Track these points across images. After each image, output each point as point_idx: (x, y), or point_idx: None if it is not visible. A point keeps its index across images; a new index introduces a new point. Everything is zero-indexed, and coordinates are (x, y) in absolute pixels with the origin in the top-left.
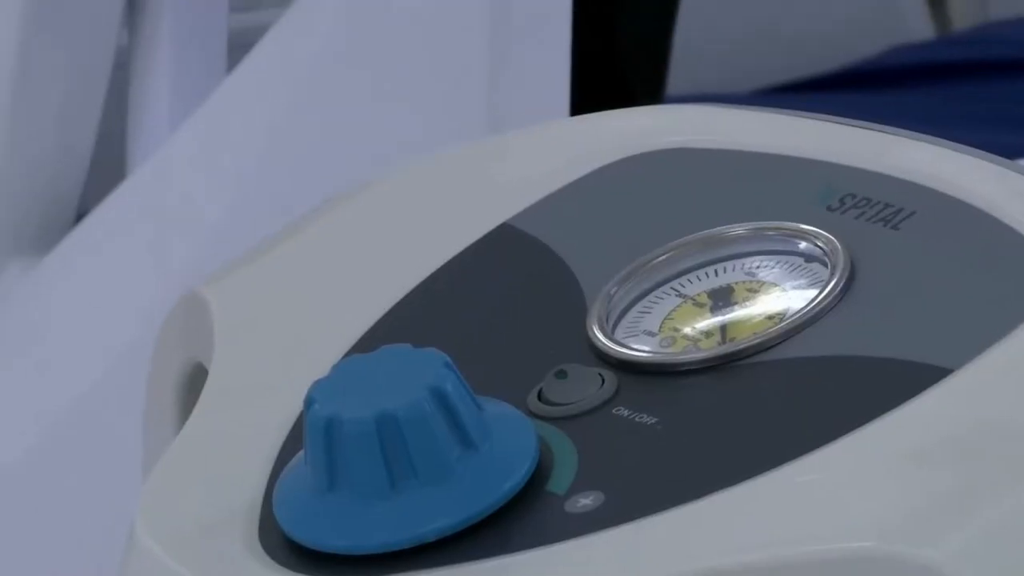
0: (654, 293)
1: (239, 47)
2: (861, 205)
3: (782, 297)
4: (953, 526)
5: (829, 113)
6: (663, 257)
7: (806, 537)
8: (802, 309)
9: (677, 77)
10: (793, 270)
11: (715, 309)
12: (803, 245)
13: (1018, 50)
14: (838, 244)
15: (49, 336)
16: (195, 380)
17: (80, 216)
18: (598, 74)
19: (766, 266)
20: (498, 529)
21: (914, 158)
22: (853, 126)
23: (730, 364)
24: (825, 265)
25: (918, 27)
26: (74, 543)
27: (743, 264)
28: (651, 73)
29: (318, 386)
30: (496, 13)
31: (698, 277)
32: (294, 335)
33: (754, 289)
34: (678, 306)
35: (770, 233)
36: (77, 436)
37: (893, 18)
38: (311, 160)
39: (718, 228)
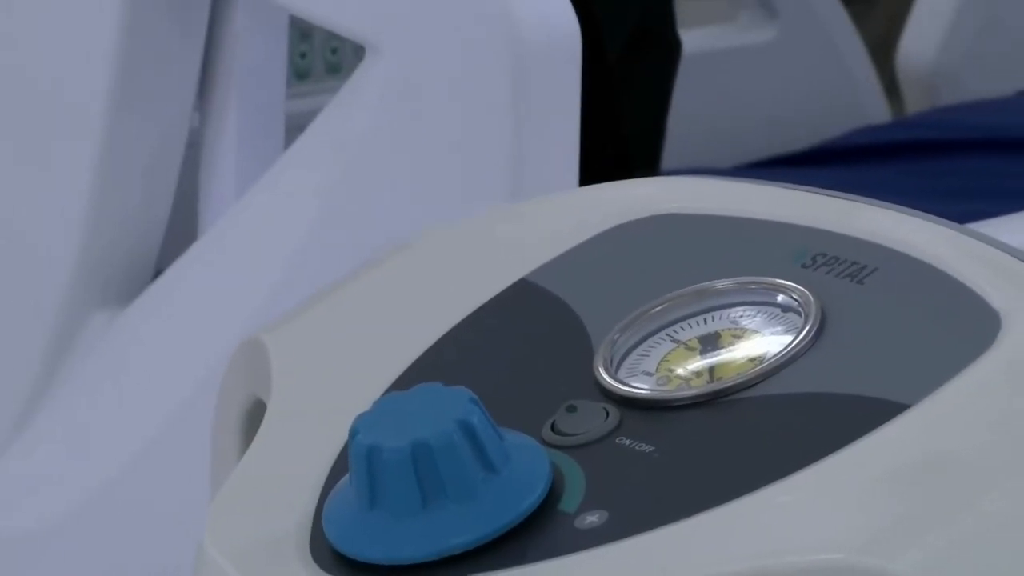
0: (652, 339)
1: (294, 128)
2: (830, 263)
3: (762, 342)
4: (911, 542)
5: (802, 184)
6: (659, 307)
7: (784, 550)
8: (779, 352)
9: (670, 154)
10: (772, 319)
11: (704, 352)
12: (780, 297)
13: (962, 132)
14: (810, 297)
15: (130, 377)
16: (255, 414)
17: (158, 272)
18: (603, 151)
19: (748, 315)
20: (516, 543)
21: (876, 222)
22: (823, 195)
23: (717, 400)
24: (799, 315)
25: (877, 112)
26: (152, 556)
27: (728, 314)
28: (648, 150)
29: (361, 419)
30: (517, 102)
31: (690, 325)
32: (341, 375)
33: (738, 335)
34: (672, 350)
35: (752, 287)
36: (154, 463)
37: (855, 104)
38: (356, 225)
39: (707, 283)
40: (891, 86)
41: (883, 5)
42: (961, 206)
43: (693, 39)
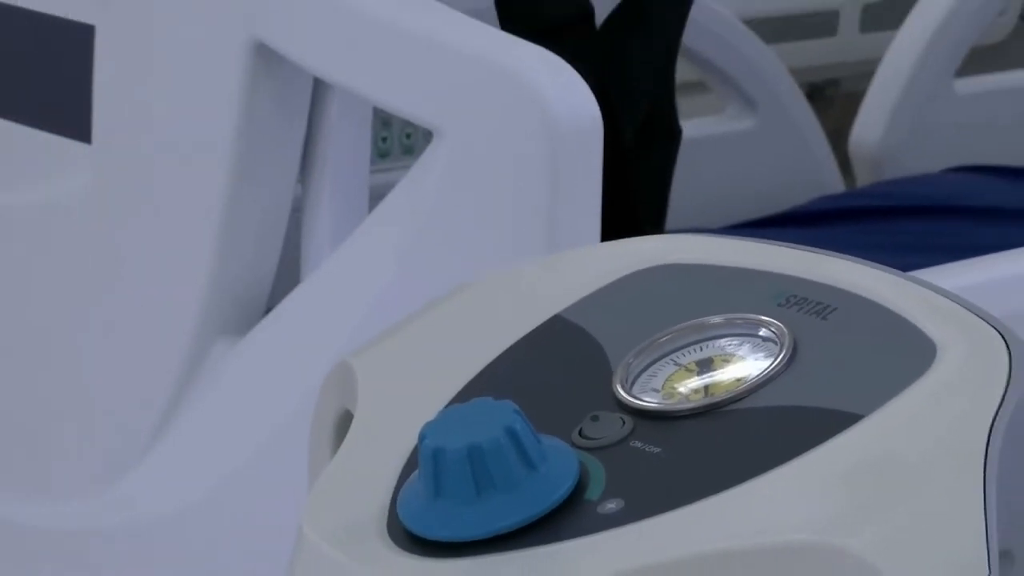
0: (659, 362)
1: (376, 197)
2: (800, 303)
3: (746, 365)
4: (864, 524)
5: (776, 240)
6: (665, 338)
7: (763, 531)
8: (760, 374)
9: (672, 217)
10: (754, 347)
11: (700, 374)
12: (762, 331)
13: (901, 200)
14: (785, 330)
15: (246, 393)
16: (343, 422)
17: (268, 309)
18: (619, 215)
19: (735, 344)
20: (551, 525)
21: (836, 271)
22: (793, 248)
23: (711, 412)
24: (776, 344)
25: (834, 184)
26: (259, 537)
27: (720, 343)
28: (655, 214)
29: (428, 426)
30: (552, 176)
31: (689, 351)
32: (412, 391)
33: (727, 360)
34: (675, 371)
35: (738, 322)
36: (265, 462)
37: (817, 178)
38: (424, 273)
39: (702, 318)
40: (845, 164)
41: (838, 102)
42: (902, 258)
43: (690, 127)
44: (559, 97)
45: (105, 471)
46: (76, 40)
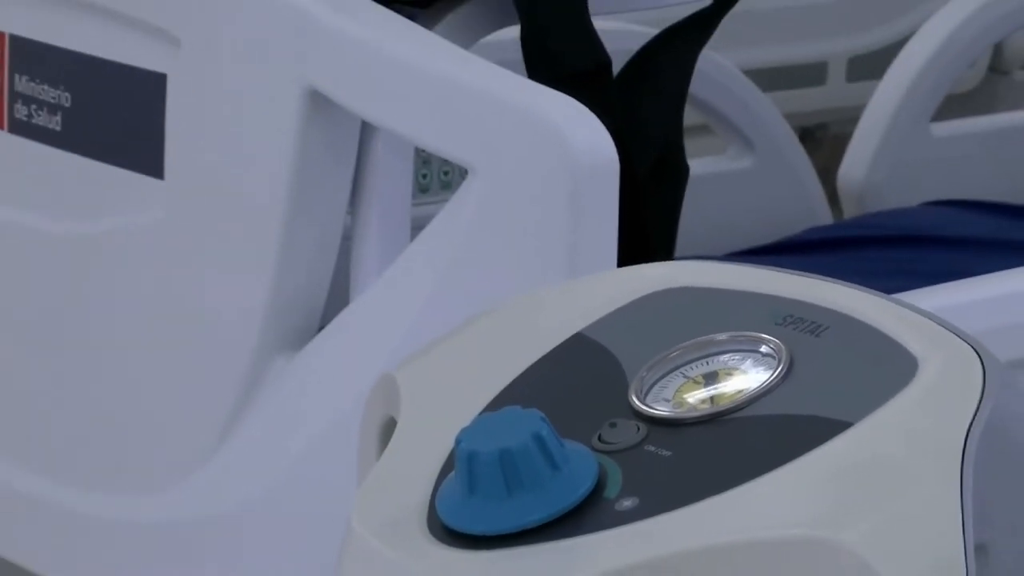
0: (669, 375)
1: (416, 227)
2: (796, 322)
3: (748, 378)
4: (852, 520)
5: (773, 267)
6: (675, 353)
7: (764, 527)
8: (760, 386)
9: (679, 246)
10: (755, 362)
11: (707, 385)
12: (761, 347)
13: (884, 231)
14: (782, 346)
15: (302, 401)
16: (388, 428)
17: (321, 326)
18: (633, 244)
19: (738, 359)
20: (573, 520)
21: (827, 293)
22: (789, 274)
23: (716, 419)
24: (774, 359)
25: (823, 216)
26: (310, 530)
27: (724, 358)
28: (665, 243)
29: (464, 432)
30: (573, 209)
31: (696, 365)
32: (449, 400)
33: (730, 373)
34: (684, 383)
35: (740, 339)
36: (318, 463)
37: (809, 210)
38: (459, 296)
39: (709, 336)
40: (833, 198)
41: (827, 143)
42: (885, 283)
43: (696, 166)
44: (580, 139)
45: (177, 470)
46: (151, 87)
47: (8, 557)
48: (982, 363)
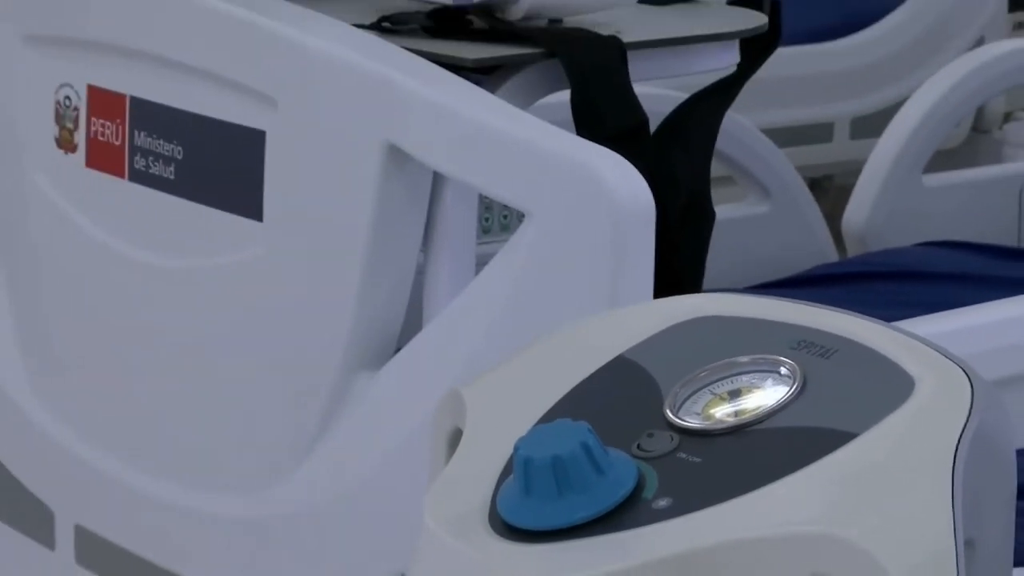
0: (699, 392)
1: (480, 264)
2: (809, 346)
3: (767, 395)
4: (857, 518)
5: (787, 298)
6: (704, 372)
7: (781, 523)
8: (777, 402)
9: (707, 280)
10: (773, 381)
11: (731, 401)
12: (779, 368)
13: (883, 268)
14: (797, 367)
15: (381, 413)
16: (455, 437)
17: (397, 349)
18: (666, 278)
19: (758, 378)
20: (615, 517)
21: (835, 321)
22: (801, 304)
23: (740, 431)
24: (790, 378)
25: (830, 255)
26: (388, 526)
27: (746, 377)
28: (694, 278)
29: (521, 441)
30: (615, 248)
31: (722, 383)
32: (508, 412)
33: (752, 390)
34: (712, 399)
35: (761, 361)
36: (395, 468)
37: (817, 250)
38: (517, 324)
39: (733, 358)
40: (838, 239)
41: (833, 192)
42: (884, 312)
43: (720, 211)
44: (621, 188)
45: (275, 471)
46: (252, 142)
47: (131, 549)
48: (970, 382)
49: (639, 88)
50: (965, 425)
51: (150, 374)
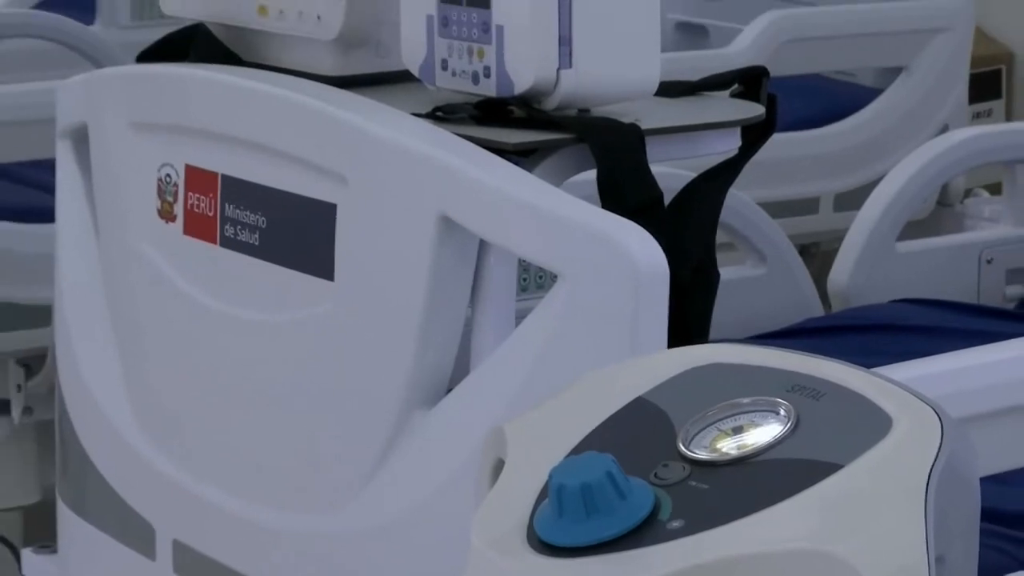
0: (707, 428)
1: (519, 316)
2: (801, 389)
3: (765, 431)
4: (846, 537)
5: (782, 348)
6: (711, 412)
7: (778, 541)
8: (774, 437)
9: (712, 332)
10: (771, 419)
11: (735, 436)
12: (775, 408)
13: (863, 322)
14: (791, 407)
15: (435, 445)
16: (498, 467)
17: (448, 389)
18: (678, 330)
19: (758, 417)
20: (635, 536)
21: (823, 368)
22: (794, 353)
23: (741, 462)
24: (785, 417)
25: (817, 310)
26: (441, 543)
27: (748, 416)
28: (701, 330)
29: (555, 470)
30: (636, 306)
31: (727, 421)
32: (544, 446)
33: (752, 427)
34: (718, 434)
35: (760, 402)
36: (448, 493)
37: (805, 306)
38: (552, 370)
39: (736, 399)
40: (824, 296)
41: (819, 257)
42: (864, 360)
43: (723, 272)
44: (640, 254)
45: (343, 494)
46: (325, 213)
47: (220, 560)
48: (940, 420)
49: (655, 168)
50: (936, 457)
51: (237, 411)
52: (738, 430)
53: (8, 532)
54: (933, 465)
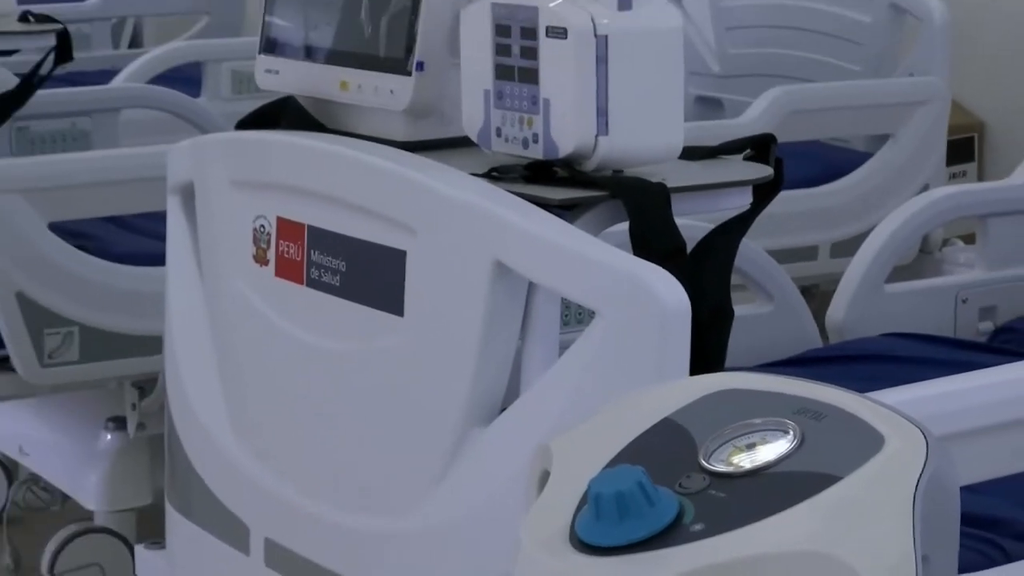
0: (724, 444)
1: (563, 347)
2: (805, 412)
3: (775, 447)
4: (845, 540)
5: (787, 376)
6: (728, 430)
7: (786, 542)
8: (782, 453)
9: (728, 361)
10: (780, 437)
11: (748, 451)
12: (784, 427)
13: (856, 352)
14: (797, 427)
15: (490, 459)
16: (544, 477)
17: (502, 409)
18: (698, 361)
19: (769, 435)
20: (662, 537)
21: (824, 393)
22: (798, 380)
23: (754, 474)
24: (792, 435)
25: (816, 342)
26: (494, 542)
27: (759, 434)
28: (718, 360)
29: (593, 480)
30: (662, 343)
31: (742, 439)
32: (583, 460)
33: (764, 443)
34: (734, 450)
35: (770, 422)
36: (501, 501)
37: (805, 339)
38: (591, 395)
39: (749, 420)
40: (823, 330)
41: (818, 297)
42: (859, 386)
43: (737, 310)
44: (666, 295)
45: (411, 499)
46: (396, 259)
47: (306, 556)
48: (925, 438)
49: (679, 220)
50: (922, 471)
51: (321, 427)
52: (751, 446)
53: (124, 530)
54: (919, 477)
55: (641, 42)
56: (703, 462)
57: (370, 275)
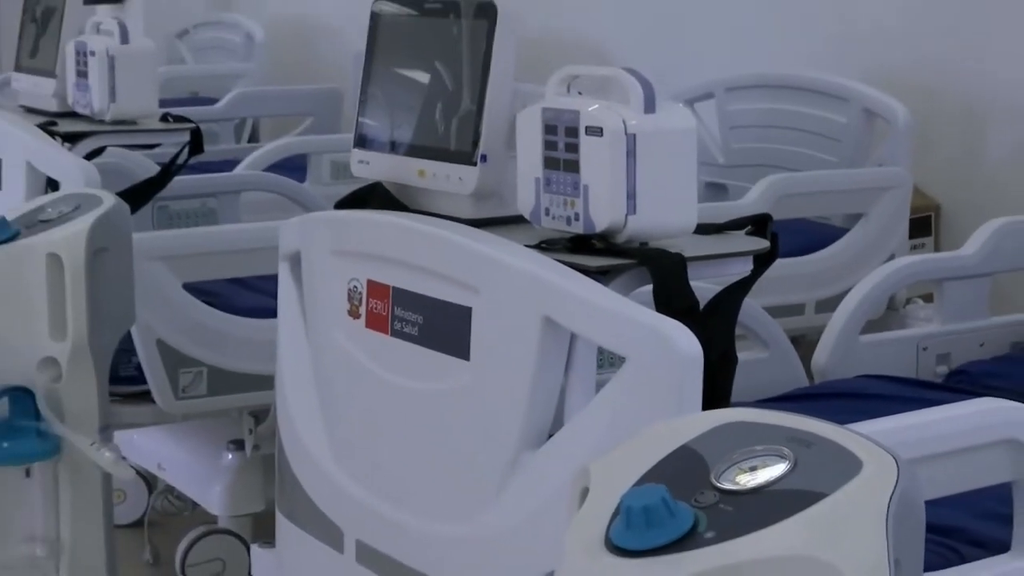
0: (731, 467)
1: (598, 387)
2: (796, 440)
3: (772, 470)
4: (831, 547)
5: (779, 410)
6: (735, 454)
7: (781, 548)
8: (779, 474)
9: (733, 398)
10: (777, 461)
11: (751, 472)
12: (780, 453)
13: (838, 390)
14: (792, 453)
15: (538, 478)
16: (584, 493)
17: (549, 435)
18: (708, 398)
19: (768, 459)
20: (680, 543)
21: (811, 425)
22: (791, 414)
23: (757, 491)
24: (787, 459)
25: (802, 382)
26: (546, 547)
27: (760, 458)
28: (725, 396)
29: (624, 496)
30: (680, 384)
31: (746, 462)
32: (617, 479)
33: (764, 466)
34: (739, 471)
35: (768, 448)
36: (547, 513)
37: (795, 378)
38: (621, 426)
39: (751, 447)
40: (809, 373)
41: (805, 345)
42: (840, 418)
43: (740, 356)
44: (683, 345)
45: (474, 509)
46: (463, 313)
47: (392, 555)
48: (896, 462)
49: (694, 283)
50: (894, 489)
51: (402, 450)
52: (753, 468)
53: (242, 532)
54: (892, 494)
55: (663, 139)
56: (714, 481)
57: (442, 327)
